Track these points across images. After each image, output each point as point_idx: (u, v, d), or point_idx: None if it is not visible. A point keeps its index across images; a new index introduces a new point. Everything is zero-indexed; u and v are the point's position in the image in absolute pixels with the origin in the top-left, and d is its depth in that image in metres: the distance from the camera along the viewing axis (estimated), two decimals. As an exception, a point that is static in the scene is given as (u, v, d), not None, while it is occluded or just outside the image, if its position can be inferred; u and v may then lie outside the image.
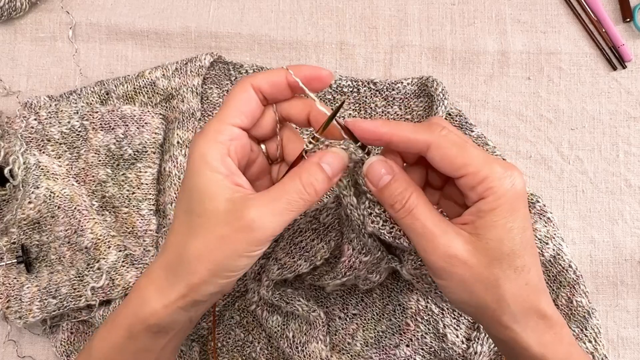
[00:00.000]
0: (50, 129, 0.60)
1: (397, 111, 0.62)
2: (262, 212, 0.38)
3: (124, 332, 0.41)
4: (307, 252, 0.49)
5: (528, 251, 0.39)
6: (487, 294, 0.39)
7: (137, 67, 0.65)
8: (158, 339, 0.42)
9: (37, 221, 0.58)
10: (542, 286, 0.40)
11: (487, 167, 0.37)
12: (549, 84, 0.64)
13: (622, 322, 0.60)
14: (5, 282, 0.58)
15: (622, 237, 0.62)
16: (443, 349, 0.55)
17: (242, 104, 0.40)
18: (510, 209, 0.37)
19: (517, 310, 0.39)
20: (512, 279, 0.38)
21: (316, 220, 0.49)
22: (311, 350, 0.53)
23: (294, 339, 0.53)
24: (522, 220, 0.38)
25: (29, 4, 0.65)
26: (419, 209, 0.39)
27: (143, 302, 0.40)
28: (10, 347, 0.60)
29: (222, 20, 0.65)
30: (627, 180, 0.63)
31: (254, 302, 0.54)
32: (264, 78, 0.41)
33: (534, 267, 0.39)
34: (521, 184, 0.38)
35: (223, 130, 0.39)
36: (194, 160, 0.39)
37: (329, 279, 0.50)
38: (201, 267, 0.39)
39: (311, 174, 0.39)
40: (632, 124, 0.63)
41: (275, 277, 0.50)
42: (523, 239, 0.38)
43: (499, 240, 0.38)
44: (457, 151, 0.38)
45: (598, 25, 0.65)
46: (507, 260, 0.38)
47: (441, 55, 0.65)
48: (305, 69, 0.41)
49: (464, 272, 0.38)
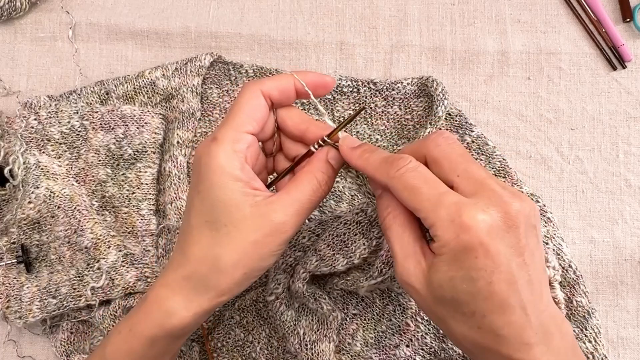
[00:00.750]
0: (50, 128, 0.60)
1: (397, 111, 0.62)
2: (288, 213, 0.40)
3: (146, 341, 0.42)
4: (347, 247, 0.49)
5: (480, 300, 0.36)
6: (439, 324, 0.40)
7: (137, 67, 0.65)
8: (179, 342, 0.44)
9: (37, 221, 0.58)
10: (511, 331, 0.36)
11: (433, 214, 0.36)
12: (549, 84, 0.64)
13: (622, 322, 0.60)
14: (5, 282, 0.58)
15: (622, 237, 0.62)
16: (443, 349, 0.55)
17: (254, 110, 0.41)
18: (451, 259, 0.36)
19: (469, 346, 0.38)
20: (460, 320, 0.37)
21: (363, 213, 0.49)
22: (320, 349, 0.53)
23: (304, 337, 0.53)
24: (469, 270, 0.35)
25: (29, 4, 0.65)
26: (392, 230, 0.40)
27: (169, 315, 0.41)
28: (10, 347, 0.60)
29: (222, 20, 0.65)
30: (627, 180, 0.63)
31: (276, 293, 0.53)
32: (273, 85, 0.42)
33: (492, 313, 0.36)
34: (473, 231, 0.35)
35: (240, 139, 0.40)
36: (213, 172, 0.39)
37: (363, 279, 0.50)
38: (237, 273, 0.40)
39: (324, 171, 0.42)
40: (632, 124, 0.63)
41: (312, 269, 0.50)
42: (470, 288, 0.35)
43: (439, 285, 0.37)
44: (407, 195, 0.38)
45: (598, 25, 0.65)
46: (450, 304, 0.37)
47: (441, 55, 0.65)
48: (311, 75, 0.42)
49: (417, 298, 0.39)
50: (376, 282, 0.50)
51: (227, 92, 0.64)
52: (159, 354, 0.43)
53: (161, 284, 0.42)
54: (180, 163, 0.61)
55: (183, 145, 0.61)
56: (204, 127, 0.63)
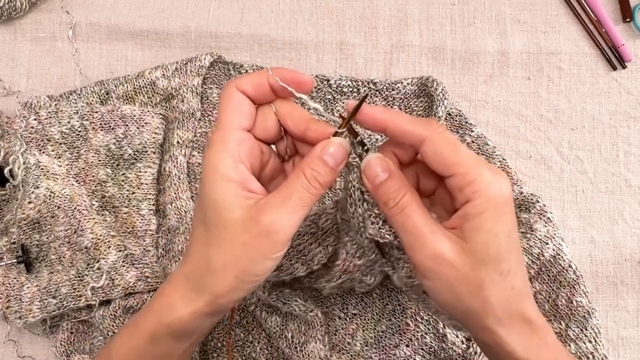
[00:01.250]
0: (50, 129, 0.60)
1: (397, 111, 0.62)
2: (278, 214, 0.39)
3: (147, 336, 0.42)
4: (304, 255, 0.49)
5: (514, 255, 0.39)
6: (472, 297, 0.39)
7: (137, 67, 0.65)
8: (180, 344, 0.43)
9: (37, 221, 0.58)
10: (527, 291, 0.40)
11: (476, 170, 0.38)
12: (549, 84, 0.64)
13: (622, 322, 0.60)
14: (5, 282, 0.58)
15: (622, 237, 0.62)
16: (443, 349, 0.55)
17: (236, 105, 0.41)
18: (496, 213, 0.38)
19: (501, 314, 0.39)
20: (497, 282, 0.38)
21: (315, 225, 0.49)
22: (310, 350, 0.53)
23: (293, 339, 0.53)
24: (508, 225, 0.38)
25: (29, 4, 0.65)
26: (411, 208, 0.39)
27: (169, 309, 0.41)
28: (10, 347, 0.60)
29: (222, 20, 0.65)
30: (627, 180, 0.63)
31: (253, 302, 0.54)
32: (246, 80, 0.41)
33: (519, 271, 0.39)
34: (508, 189, 0.38)
35: (228, 137, 0.40)
36: (207, 173, 0.40)
37: (324, 281, 0.50)
38: (228, 275, 0.39)
39: (314, 168, 0.40)
40: (632, 124, 0.63)
41: (272, 278, 0.50)
42: (509, 244, 0.38)
43: (485, 243, 0.38)
44: (449, 149, 0.38)
45: (598, 25, 0.65)
46: (492, 264, 0.38)
47: (441, 55, 0.65)
48: (285, 72, 0.41)
49: (449, 272, 0.38)
50: (336, 284, 0.50)
51: (227, 92, 0.64)
52: (162, 353, 0.43)
53: (167, 281, 0.42)
54: (180, 163, 0.61)
55: (183, 145, 0.61)
56: (204, 127, 0.63)
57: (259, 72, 0.42)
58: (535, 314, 0.40)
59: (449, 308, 0.41)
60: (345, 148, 0.41)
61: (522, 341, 0.39)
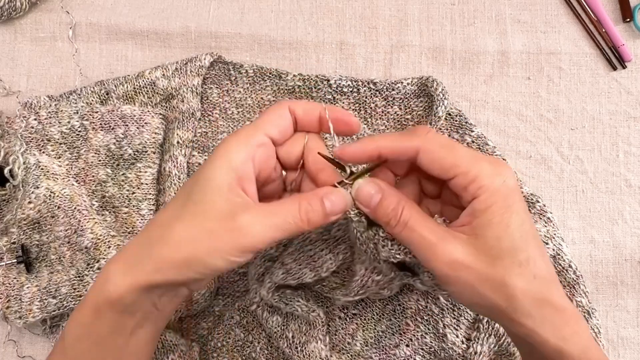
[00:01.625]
0: (50, 129, 0.60)
1: (397, 111, 0.62)
2: (254, 220, 0.38)
3: (91, 310, 0.40)
4: (314, 261, 0.49)
5: (531, 243, 0.38)
6: (496, 294, 0.38)
7: (137, 67, 0.65)
8: (124, 320, 0.41)
9: (37, 221, 0.58)
10: (552, 277, 0.39)
11: (476, 166, 0.38)
12: (549, 84, 0.64)
13: (622, 322, 0.60)
14: (5, 282, 0.58)
15: (622, 237, 0.62)
16: (443, 349, 0.55)
17: (277, 117, 0.42)
18: (504, 205, 0.37)
19: (529, 305, 0.38)
20: (519, 274, 0.38)
21: (327, 232, 0.49)
22: (310, 350, 0.53)
23: (294, 339, 0.53)
24: (518, 214, 0.38)
25: (29, 4, 0.65)
26: (413, 221, 0.39)
27: (107, 279, 0.40)
28: (10, 347, 0.60)
29: (222, 20, 0.65)
30: (627, 180, 0.63)
31: (255, 302, 0.54)
32: (301, 104, 0.43)
33: (539, 258, 0.38)
34: (512, 179, 0.38)
35: (255, 134, 0.41)
36: (217, 153, 0.40)
37: (340, 294, 0.51)
38: (179, 252, 0.38)
39: (311, 204, 0.40)
40: (632, 124, 0.63)
41: (278, 281, 0.50)
42: (523, 233, 0.38)
43: (497, 238, 0.37)
44: (445, 152, 0.38)
45: (598, 25, 0.65)
46: (509, 256, 0.38)
47: (441, 55, 0.65)
48: (339, 112, 0.43)
49: (468, 275, 0.38)
50: (352, 299, 0.51)
51: (227, 92, 0.64)
52: (108, 329, 0.41)
53: (118, 250, 0.42)
54: (180, 163, 0.61)
55: (183, 145, 0.61)
56: (204, 127, 0.63)
57: (315, 104, 0.43)
58: (565, 300, 0.39)
59: (476, 308, 0.41)
60: (346, 202, 0.41)
61: (554, 331, 0.39)
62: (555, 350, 0.39)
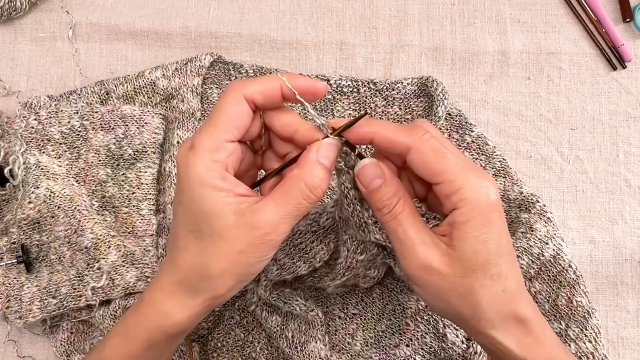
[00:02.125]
0: (50, 129, 0.60)
1: (397, 111, 0.62)
2: (273, 219, 0.38)
3: (144, 343, 0.42)
4: (306, 254, 0.49)
5: (504, 259, 0.39)
6: (462, 302, 0.39)
7: (137, 67, 0.65)
8: (175, 342, 0.44)
9: (37, 221, 0.58)
10: (521, 290, 0.40)
11: (462, 177, 0.37)
12: (549, 84, 0.64)
13: (622, 322, 0.60)
14: (5, 282, 0.58)
15: (622, 237, 0.62)
16: (443, 348, 0.55)
17: (235, 117, 0.39)
18: (484, 221, 0.37)
19: (493, 317, 0.39)
20: (488, 287, 0.38)
21: (316, 224, 0.49)
22: (310, 349, 0.53)
23: (293, 339, 0.53)
24: (496, 230, 0.38)
25: (29, 4, 0.65)
26: (403, 215, 0.39)
27: (167, 317, 0.41)
28: (10, 347, 0.60)
29: (222, 20, 0.65)
30: (627, 180, 0.63)
31: (253, 302, 0.54)
32: (257, 89, 0.39)
33: (511, 273, 0.39)
34: (495, 194, 0.38)
35: (219, 147, 0.38)
36: (192, 183, 0.38)
37: (328, 280, 0.51)
38: (227, 280, 0.40)
39: (315, 174, 0.39)
40: (632, 124, 0.63)
41: (274, 277, 0.50)
42: (498, 248, 0.38)
43: (473, 252, 0.38)
44: (435, 157, 0.38)
45: (598, 25, 0.65)
46: (482, 270, 0.38)
47: (441, 55, 0.65)
48: (301, 80, 0.40)
49: (438, 281, 0.39)
50: (341, 282, 0.50)
51: (227, 92, 0.64)
52: (157, 354, 0.43)
53: (155, 288, 0.42)
54: (180, 163, 0.61)
55: (183, 145, 0.61)
56: (204, 127, 0.63)
57: (270, 78, 0.39)
58: (531, 312, 0.40)
59: (441, 313, 0.42)
60: (335, 145, 0.40)
61: (517, 341, 0.39)
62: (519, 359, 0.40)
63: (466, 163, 0.39)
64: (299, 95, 0.39)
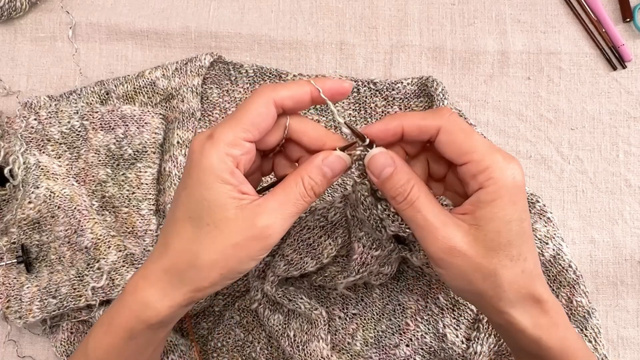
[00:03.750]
0: (50, 129, 0.60)
1: (397, 111, 0.62)
2: (273, 218, 0.39)
3: (125, 333, 0.42)
4: (314, 249, 0.50)
5: (525, 241, 0.40)
6: (485, 282, 0.40)
7: (137, 67, 0.65)
8: (158, 334, 0.44)
9: (37, 221, 0.58)
10: (538, 272, 0.41)
11: (490, 157, 0.38)
12: (549, 84, 0.64)
13: (622, 322, 0.60)
14: (5, 282, 0.58)
15: (622, 237, 0.62)
16: (443, 349, 0.55)
17: (260, 119, 0.40)
18: (509, 201, 0.38)
19: (513, 296, 0.40)
20: (509, 267, 0.39)
21: (324, 219, 0.50)
22: (312, 349, 0.53)
23: (295, 338, 0.53)
24: (520, 212, 0.39)
25: (29, 4, 0.65)
26: (420, 201, 0.40)
27: (146, 306, 0.41)
28: (10, 347, 0.61)
29: (222, 20, 0.65)
30: (627, 180, 0.63)
31: (257, 300, 0.54)
32: (288, 94, 0.40)
33: (529, 254, 0.40)
34: (521, 175, 0.39)
35: (237, 144, 0.39)
36: (203, 170, 0.39)
37: (342, 278, 0.51)
38: (214, 273, 0.40)
39: (312, 177, 0.41)
40: (632, 124, 0.63)
41: (281, 273, 0.50)
42: (520, 230, 0.39)
43: (497, 232, 0.38)
44: (464, 136, 0.39)
45: (598, 25, 0.65)
46: (503, 250, 0.39)
47: (441, 55, 0.65)
48: (329, 82, 0.41)
49: (462, 262, 0.39)
50: (355, 279, 0.50)
51: (227, 92, 0.64)
52: (140, 346, 0.43)
53: (140, 275, 0.42)
54: (181, 163, 0.61)
55: (183, 145, 0.61)
56: (204, 127, 0.63)
57: (301, 83, 0.41)
58: (547, 293, 0.41)
59: (462, 292, 0.43)
60: (344, 162, 0.42)
61: (533, 320, 0.40)
62: (533, 339, 0.41)
63: (493, 144, 0.40)
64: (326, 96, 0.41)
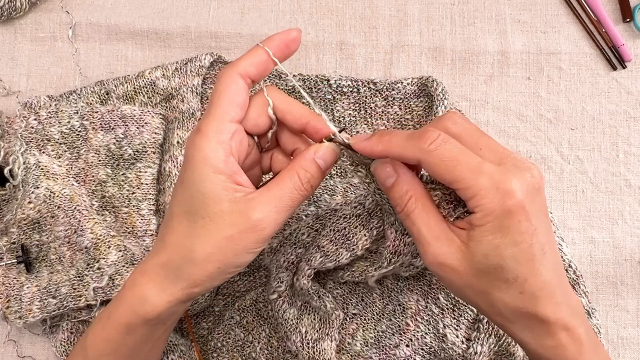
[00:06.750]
0: (50, 129, 0.60)
1: (397, 111, 0.62)
2: (267, 211, 0.39)
3: (122, 328, 0.42)
4: (348, 240, 0.49)
5: (524, 263, 0.37)
6: (478, 299, 0.39)
7: (137, 67, 0.65)
8: (156, 331, 0.44)
9: (37, 221, 0.58)
10: (543, 292, 0.38)
11: (476, 184, 0.36)
12: (549, 84, 0.64)
13: (622, 322, 0.60)
14: (5, 282, 0.58)
15: (622, 237, 0.62)
16: (443, 349, 0.55)
17: (234, 95, 0.40)
18: (497, 226, 0.37)
19: (510, 315, 0.39)
20: (503, 289, 0.38)
21: (361, 206, 0.49)
22: (323, 347, 0.53)
23: (306, 335, 0.53)
24: (514, 235, 0.37)
25: (29, 4, 0.65)
26: (415, 214, 0.40)
27: (143, 300, 0.41)
28: (10, 347, 0.60)
29: (222, 20, 0.65)
30: (627, 180, 0.63)
31: (279, 291, 0.53)
32: (248, 62, 0.41)
33: (532, 276, 0.38)
34: (515, 197, 0.36)
35: (223, 129, 0.40)
36: (197, 163, 0.39)
37: (373, 270, 0.50)
38: (210, 266, 0.40)
39: (308, 170, 0.41)
40: (632, 124, 0.63)
41: (317, 265, 0.50)
42: (516, 252, 0.37)
43: (484, 255, 0.37)
44: (445, 168, 0.37)
45: (598, 25, 0.65)
46: (494, 274, 0.38)
47: (441, 55, 0.65)
48: (277, 37, 0.42)
49: (453, 277, 0.39)
50: (387, 270, 0.50)
51: (226, 92, 0.64)
52: (138, 342, 0.43)
53: (139, 271, 0.42)
54: (180, 163, 0.61)
55: (183, 145, 0.61)
56: (204, 127, 0.63)
57: (255, 51, 0.41)
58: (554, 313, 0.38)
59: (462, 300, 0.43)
60: (335, 152, 0.42)
61: (536, 341, 0.39)
62: (536, 356, 0.40)
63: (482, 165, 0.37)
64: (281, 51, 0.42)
